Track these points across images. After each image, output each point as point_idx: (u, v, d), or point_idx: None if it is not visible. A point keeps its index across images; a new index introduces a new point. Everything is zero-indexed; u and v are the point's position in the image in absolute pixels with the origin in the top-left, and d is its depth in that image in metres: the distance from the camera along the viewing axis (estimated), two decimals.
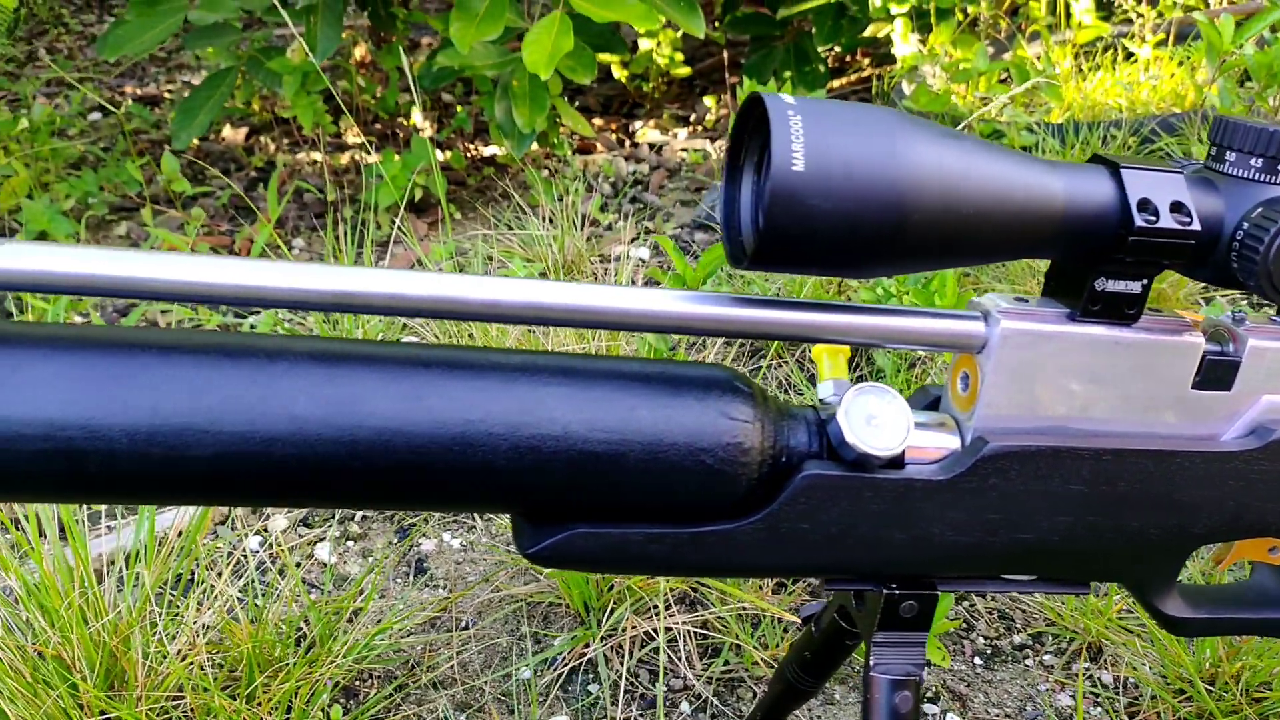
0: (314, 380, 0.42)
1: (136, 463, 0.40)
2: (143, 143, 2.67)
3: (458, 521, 1.21)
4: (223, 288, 0.40)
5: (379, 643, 0.94)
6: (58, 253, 0.38)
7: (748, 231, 0.46)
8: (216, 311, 1.76)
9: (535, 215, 2.05)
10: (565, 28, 1.72)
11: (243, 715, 0.83)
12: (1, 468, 0.39)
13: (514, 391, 0.44)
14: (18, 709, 0.81)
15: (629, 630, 0.95)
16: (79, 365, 0.40)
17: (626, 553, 0.48)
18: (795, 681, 0.66)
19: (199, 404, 0.40)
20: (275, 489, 0.42)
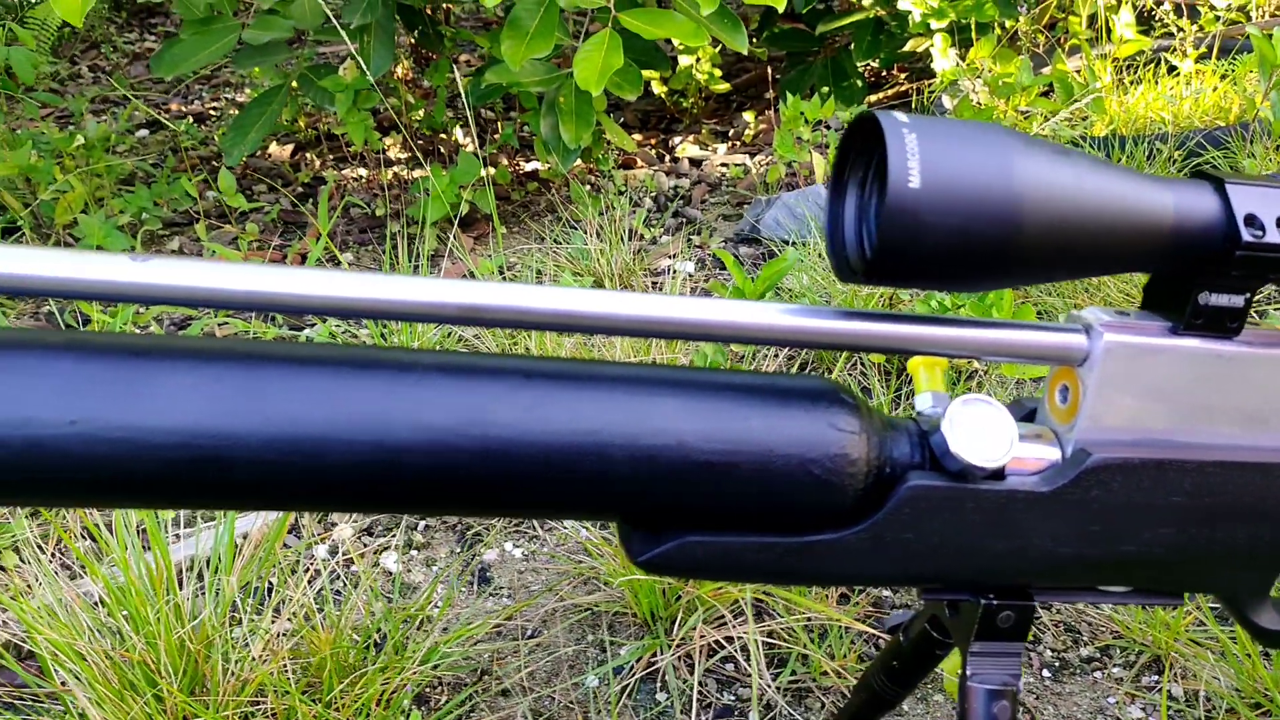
0: (442, 391, 0.43)
1: (277, 471, 0.41)
2: (192, 159, 2.72)
3: (519, 531, 1.22)
4: (332, 299, 0.40)
5: (451, 650, 0.96)
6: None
7: (853, 247, 0.47)
8: (271, 324, 1.80)
9: (580, 230, 2.08)
10: (615, 45, 1.74)
11: (325, 718, 0.85)
12: (148, 474, 0.40)
13: (630, 403, 0.46)
14: (105, 712, 0.83)
15: (697, 639, 0.96)
16: (220, 376, 0.41)
17: (735, 561, 0.49)
18: (880, 690, 0.67)
19: (335, 414, 0.42)
20: (404, 497, 0.43)
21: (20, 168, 2.14)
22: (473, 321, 0.44)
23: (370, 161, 2.63)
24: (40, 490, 0.40)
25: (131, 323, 1.71)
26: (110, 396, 0.40)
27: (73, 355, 0.40)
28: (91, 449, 0.39)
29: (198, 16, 2.12)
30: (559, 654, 1.03)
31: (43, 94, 2.52)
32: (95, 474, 0.40)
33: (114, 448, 0.40)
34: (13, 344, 0.40)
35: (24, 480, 0.39)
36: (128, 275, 0.40)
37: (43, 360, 0.40)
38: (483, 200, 2.13)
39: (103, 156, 2.29)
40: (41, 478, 0.39)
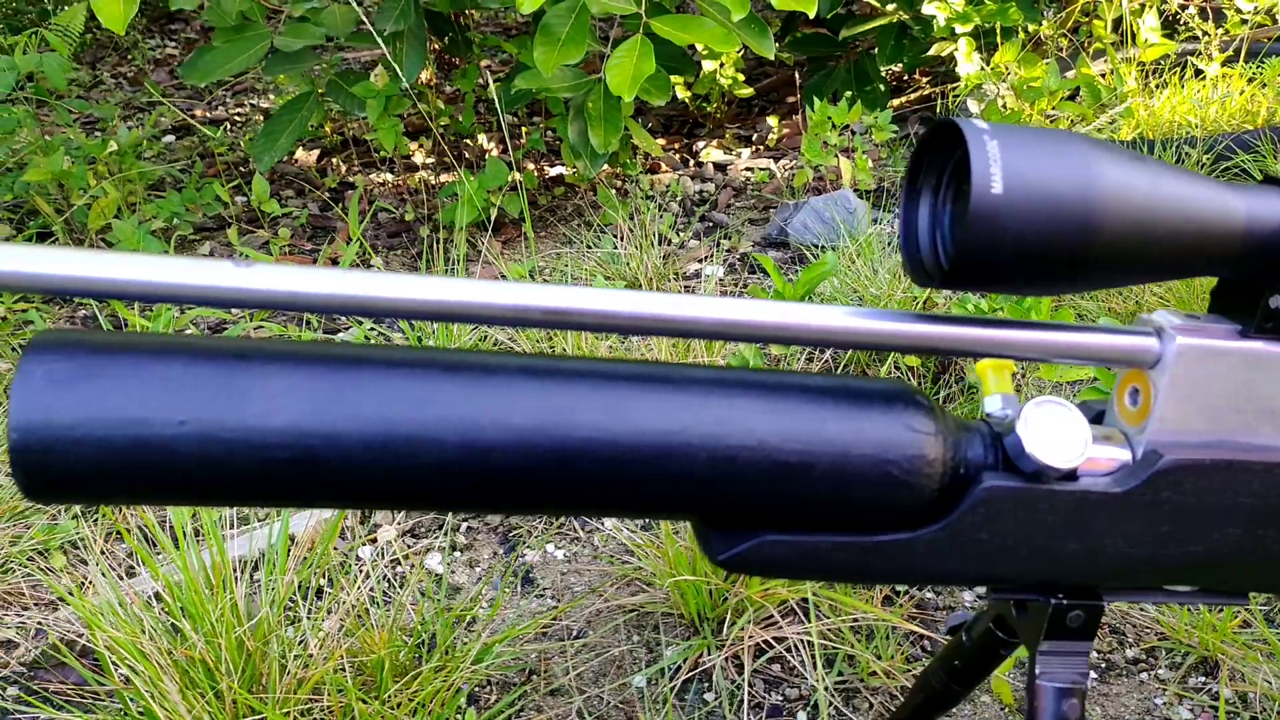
0: (527, 393, 0.44)
1: (370, 470, 0.42)
2: (219, 164, 2.75)
3: (560, 533, 1.23)
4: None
5: (502, 650, 0.97)
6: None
7: (927, 251, 0.48)
8: (305, 327, 1.82)
9: (607, 234, 2.09)
10: (647, 51, 1.76)
11: (383, 717, 0.86)
12: (250, 473, 0.42)
13: (711, 404, 0.47)
14: (168, 710, 0.85)
15: (747, 640, 0.97)
16: (317, 379, 0.42)
17: (812, 560, 0.50)
18: (940, 689, 0.68)
19: (426, 415, 0.43)
20: (491, 496, 0.45)
21: (54, 173, 2.17)
22: (561, 325, 0.45)
23: (396, 166, 2.65)
24: (149, 488, 0.41)
25: (170, 326, 1.73)
26: (217, 398, 0.41)
27: (181, 358, 0.42)
28: (199, 449, 0.41)
29: (229, 24, 2.15)
30: (605, 654, 1.04)
31: (75, 100, 2.54)
32: (201, 473, 0.41)
33: (220, 447, 0.41)
34: (124, 347, 0.41)
35: (133, 478, 0.41)
36: (232, 281, 0.41)
37: (153, 363, 0.41)
38: (511, 205, 2.15)
39: (135, 162, 2.31)
40: (150, 476, 0.41)
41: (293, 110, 2.28)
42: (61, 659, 1.11)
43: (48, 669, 1.10)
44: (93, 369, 0.40)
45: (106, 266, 0.40)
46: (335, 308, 0.43)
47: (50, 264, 0.40)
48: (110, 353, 0.41)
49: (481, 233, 2.20)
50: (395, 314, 0.45)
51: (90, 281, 0.40)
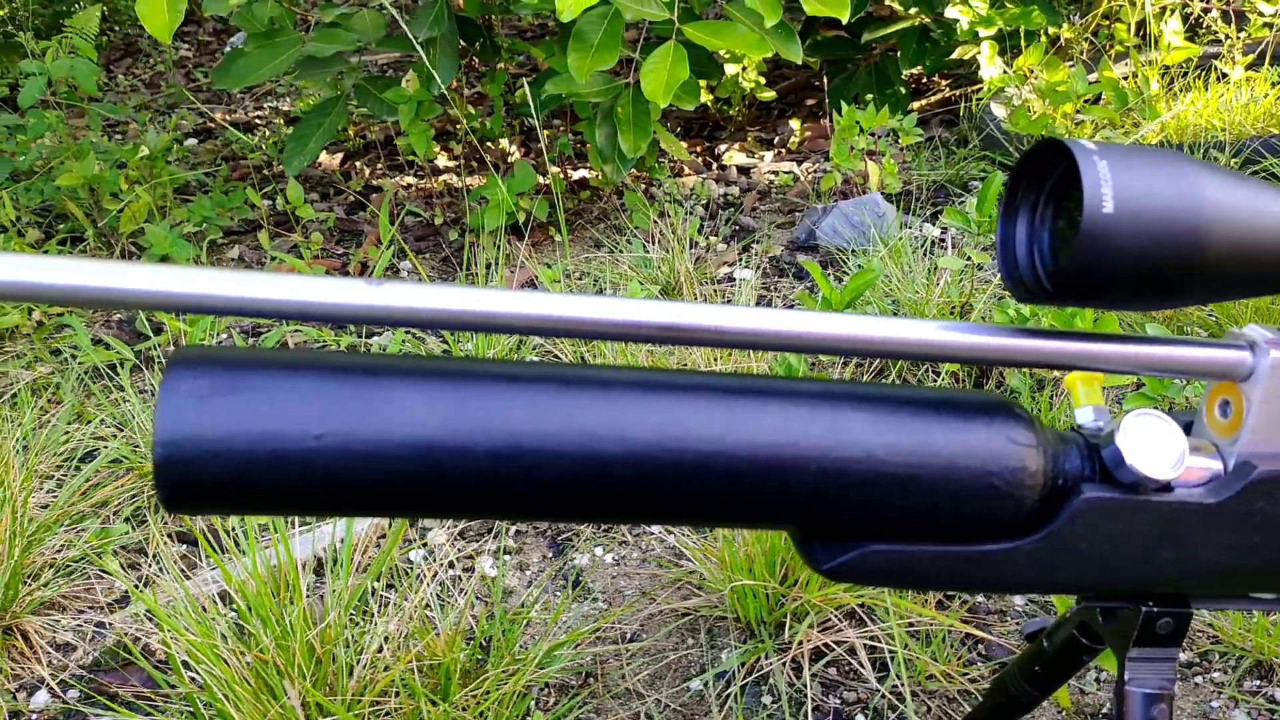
0: (644, 407, 0.46)
1: (494, 482, 0.44)
2: (243, 168, 2.76)
3: (608, 536, 1.25)
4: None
5: (562, 653, 0.99)
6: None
7: (1025, 267, 0.50)
8: (345, 333, 1.83)
9: (632, 238, 2.11)
10: (680, 57, 1.77)
11: (452, 718, 0.87)
12: (383, 485, 0.43)
13: (820, 417, 0.48)
14: (244, 713, 0.86)
15: (807, 644, 0.98)
16: (444, 393, 0.44)
17: (914, 569, 0.51)
18: (1017, 694, 0.69)
19: (548, 429, 0.44)
20: (605, 506, 0.46)
21: (85, 178, 2.18)
22: (679, 341, 0.46)
23: (420, 170, 2.67)
24: (285, 500, 0.43)
25: (209, 333, 1.75)
26: (351, 412, 0.42)
27: (314, 374, 0.43)
28: (334, 461, 0.42)
29: (260, 30, 2.16)
30: (660, 658, 1.05)
31: (106, 105, 2.56)
32: (335, 485, 0.42)
33: (354, 460, 0.42)
34: (259, 363, 0.42)
35: (271, 490, 0.42)
36: (365, 299, 0.43)
37: (288, 378, 0.42)
38: (540, 209, 2.16)
39: (165, 167, 2.33)
40: (287, 488, 0.42)
41: (321, 115, 2.30)
42: (126, 660, 1.12)
43: (108, 671, 1.12)
44: (232, 384, 0.42)
45: (243, 286, 0.41)
46: (463, 324, 0.44)
47: (186, 283, 0.40)
48: (247, 368, 0.42)
49: (509, 236, 2.21)
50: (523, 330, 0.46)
51: (228, 301, 0.40)
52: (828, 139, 2.80)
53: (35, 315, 1.96)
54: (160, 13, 1.47)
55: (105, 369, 1.72)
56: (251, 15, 2.14)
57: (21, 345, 1.89)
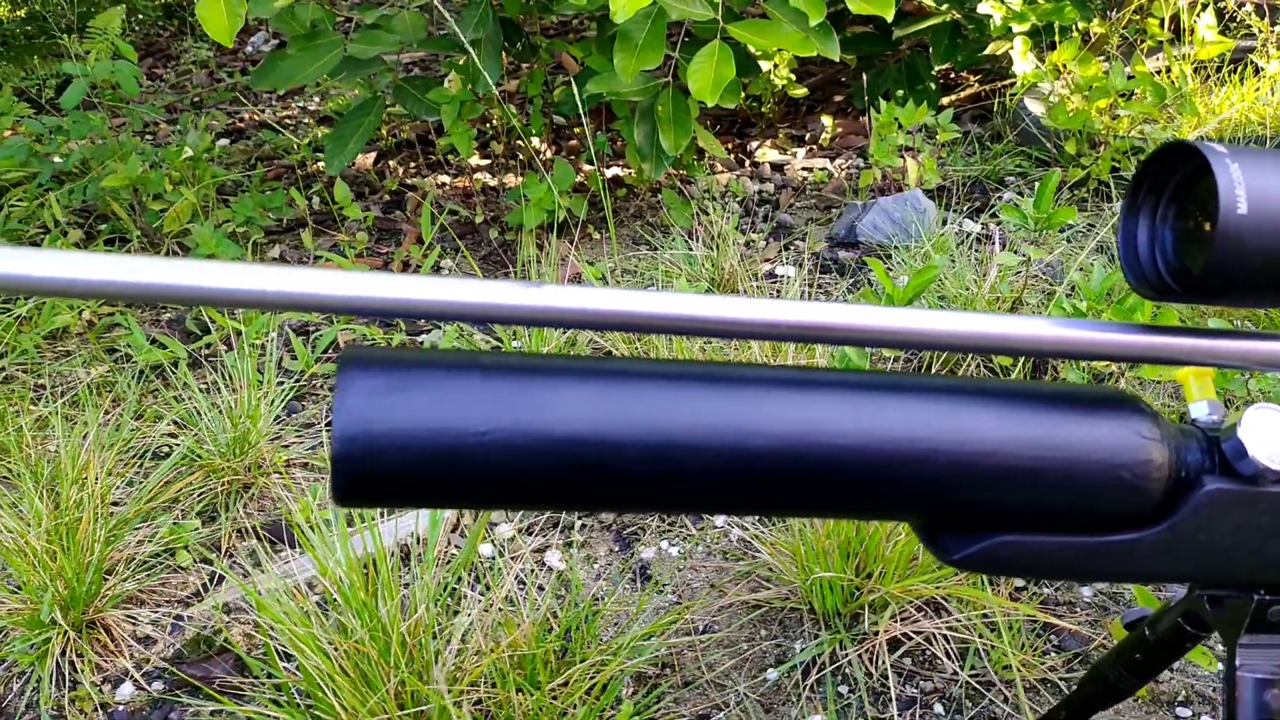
0: (786, 403, 0.47)
1: (649, 476, 0.46)
2: (277, 168, 2.79)
3: (672, 530, 1.27)
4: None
5: (644, 644, 1.01)
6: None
7: (1149, 266, 0.51)
8: (392, 330, 1.86)
9: (675, 235, 2.12)
10: (726, 56, 1.78)
11: (543, 706, 0.89)
12: (543, 479, 0.45)
13: (953, 413, 0.50)
14: (345, 700, 0.88)
15: (883, 634, 1.00)
16: (600, 391, 0.46)
17: (1042, 559, 0.53)
18: (1116, 681, 0.71)
19: (698, 424, 0.46)
20: (748, 499, 0.48)
21: (130, 179, 2.21)
22: (822, 339, 0.48)
23: (453, 169, 2.69)
24: (450, 493, 0.45)
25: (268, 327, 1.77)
26: (514, 409, 0.44)
27: (477, 372, 0.45)
28: (498, 456, 0.44)
29: (300, 32, 2.18)
30: (734, 649, 1.07)
31: (147, 107, 2.59)
32: (499, 479, 0.44)
33: (516, 455, 0.44)
34: (425, 362, 0.44)
35: (438, 483, 0.44)
36: (528, 300, 0.45)
37: (454, 377, 0.44)
38: (578, 207, 2.18)
39: (207, 167, 2.35)
40: (454, 481, 0.44)
41: (360, 115, 2.32)
42: (206, 653, 1.15)
43: (190, 663, 1.14)
44: (403, 382, 0.44)
45: (409, 289, 0.43)
46: (618, 324, 0.46)
47: (350, 287, 0.41)
48: (415, 367, 0.45)
49: (547, 234, 2.23)
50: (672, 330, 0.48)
51: (393, 303, 0.42)
52: (859, 135, 2.81)
53: (85, 315, 1.99)
54: (220, 15, 1.49)
55: (151, 369, 1.75)
56: (294, 18, 2.16)
57: (72, 345, 1.91)
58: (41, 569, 1.12)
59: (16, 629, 1.15)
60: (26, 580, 1.14)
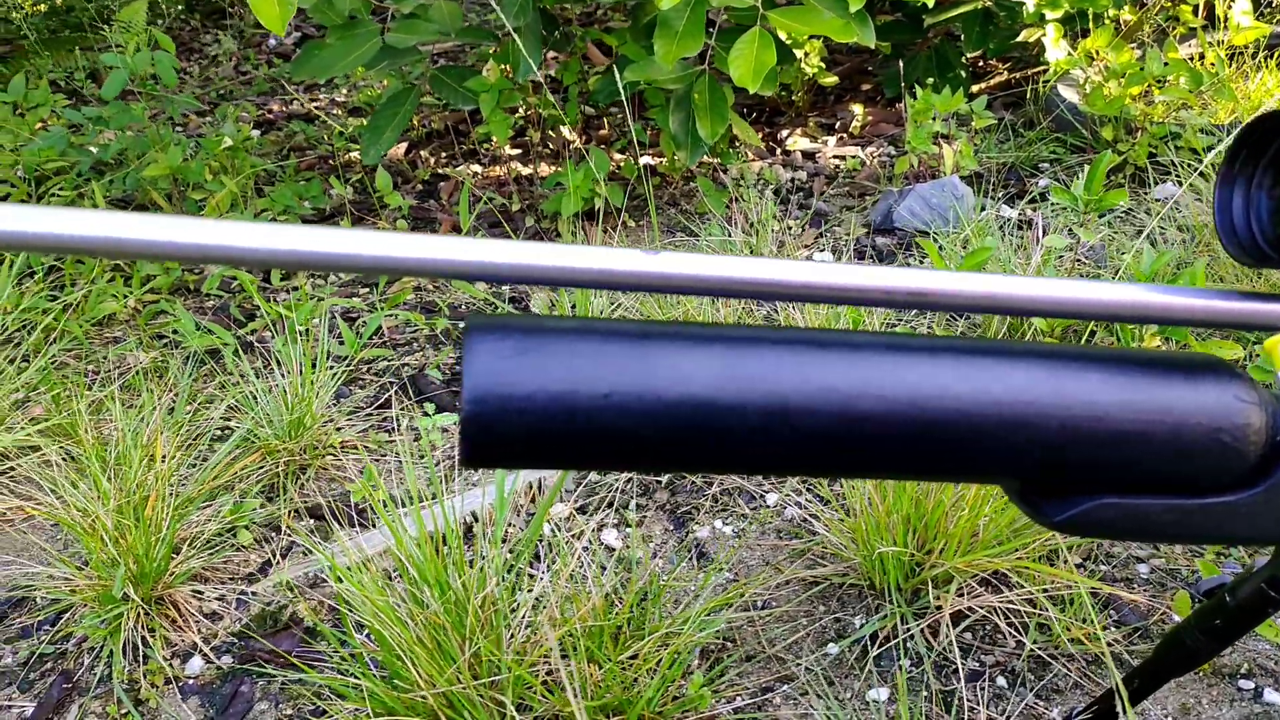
0: (897, 368, 0.49)
1: (763, 437, 0.47)
2: (309, 158, 2.81)
3: (726, 509, 1.28)
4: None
5: (707, 619, 1.02)
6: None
7: (1243, 232, 0.53)
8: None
9: (711, 222, 2.14)
10: (766, 43, 1.79)
11: (615, 676, 0.91)
12: (661, 439, 0.46)
13: (1058, 378, 0.51)
14: (423, 670, 0.90)
15: (947, 609, 1.01)
16: (715, 355, 0.47)
17: (1142, 521, 0.54)
18: (1195, 647, 0.72)
19: (809, 387, 0.47)
20: (856, 461, 0.49)
21: (171, 168, 2.24)
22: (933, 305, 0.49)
23: (484, 158, 2.70)
24: (574, 454, 0.46)
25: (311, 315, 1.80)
26: (634, 372, 0.46)
27: (596, 337, 0.47)
28: (620, 418, 0.45)
29: (338, 22, 2.20)
30: (794, 624, 1.09)
31: (185, 98, 2.61)
32: (621, 440, 0.46)
33: (637, 417, 0.46)
34: (545, 329, 0.46)
35: (562, 445, 0.46)
36: (646, 266, 0.46)
37: (575, 341, 0.46)
38: (614, 195, 2.20)
39: (246, 157, 2.38)
40: (578, 443, 0.46)
41: (395, 105, 2.34)
42: (273, 629, 1.17)
43: (258, 638, 1.16)
44: (527, 347, 0.45)
45: (538, 255, 0.44)
46: (731, 290, 0.48)
47: (478, 253, 0.43)
48: (538, 333, 0.46)
49: (582, 222, 2.25)
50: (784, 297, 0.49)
51: (521, 269, 0.43)
52: (890, 123, 2.81)
53: (131, 301, 2.01)
54: (272, 5, 1.51)
55: (201, 355, 1.78)
56: (331, 8, 2.18)
57: (120, 330, 1.94)
58: (113, 545, 1.14)
59: (86, 605, 1.18)
60: (96, 557, 1.16)
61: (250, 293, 1.93)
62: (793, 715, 0.99)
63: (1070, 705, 0.96)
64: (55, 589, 1.21)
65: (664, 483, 1.34)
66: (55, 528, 1.38)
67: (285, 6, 1.51)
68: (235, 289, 2.09)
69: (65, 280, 2.00)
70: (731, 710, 1.00)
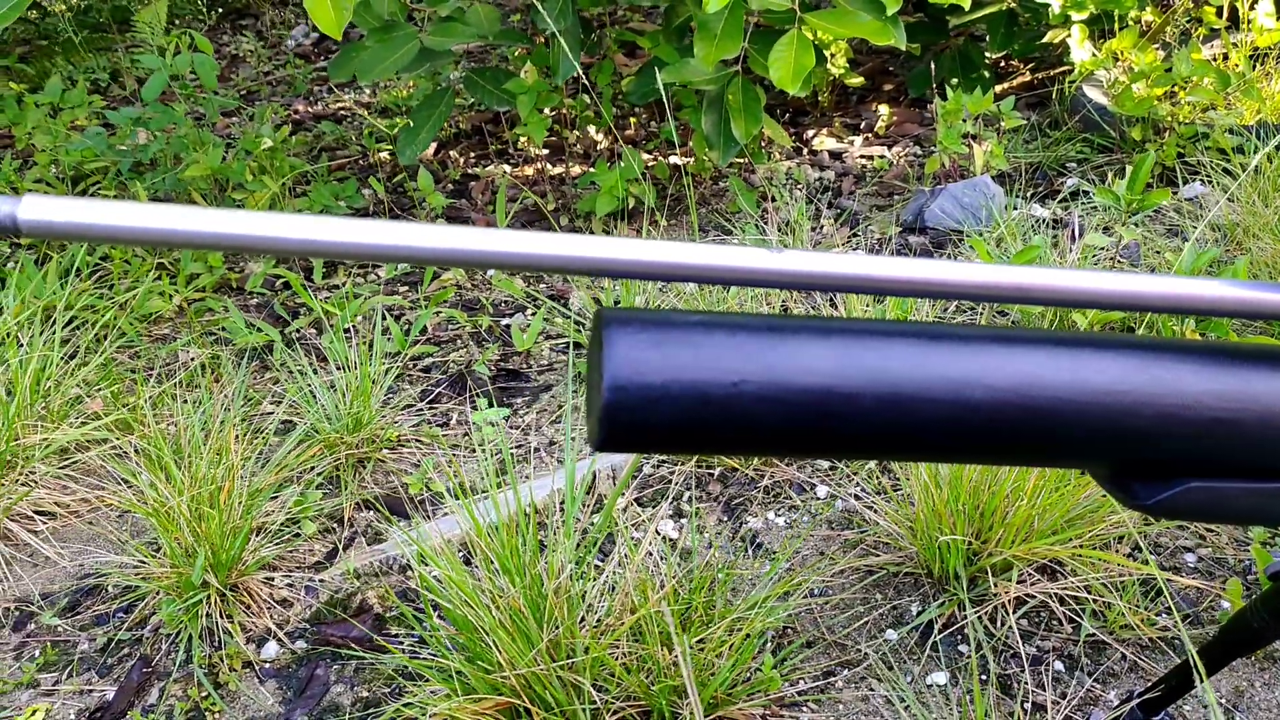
0: (1003, 358, 0.52)
1: (879, 425, 0.50)
2: (340, 158, 2.85)
3: (778, 501, 1.32)
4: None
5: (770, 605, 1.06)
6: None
7: None
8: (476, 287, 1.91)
9: (743, 221, 2.17)
10: (805, 45, 1.83)
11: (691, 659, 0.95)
12: (788, 426, 0.50)
13: (1153, 368, 0.54)
14: (505, 652, 0.94)
15: (1005, 595, 1.05)
16: (836, 346, 0.51)
17: (1229, 505, 0.58)
18: (1261, 628, 0.75)
19: (924, 377, 0.51)
20: (969, 446, 0.52)
21: (212, 169, 2.28)
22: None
23: (513, 157, 2.74)
24: (704, 440, 0.50)
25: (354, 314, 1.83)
26: (763, 362, 0.49)
27: (724, 329, 0.50)
28: (749, 405, 0.49)
29: (375, 26, 2.24)
30: (852, 612, 1.12)
31: (228, 98, 2.65)
32: (749, 426, 0.50)
33: (766, 405, 0.49)
34: (674, 322, 0.50)
35: (694, 431, 0.49)
36: (772, 264, 0.50)
37: (705, 333, 0.50)
38: (648, 195, 2.23)
39: (285, 158, 2.42)
40: (709, 429, 0.49)
41: (431, 106, 2.38)
42: (340, 616, 1.21)
43: (330, 624, 1.20)
44: (660, 338, 0.49)
45: (663, 253, 0.46)
46: (853, 287, 0.51)
47: (609, 250, 0.45)
48: (667, 325, 0.50)
49: (615, 221, 2.28)
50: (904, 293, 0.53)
51: (653, 265, 0.46)
52: (914, 123, 2.84)
53: (176, 300, 2.05)
54: (327, 10, 1.55)
55: (248, 351, 1.81)
56: (369, 12, 2.22)
57: (166, 329, 1.98)
58: (190, 533, 1.18)
59: (162, 592, 1.22)
60: (171, 545, 1.20)
61: (297, 289, 1.97)
62: (855, 697, 1.03)
63: (1126, 688, 0.99)
64: (129, 577, 1.25)
65: (715, 474, 1.38)
66: (121, 519, 1.42)
67: (341, 11, 1.55)
68: (279, 287, 2.13)
69: (113, 279, 2.05)
70: (796, 693, 1.03)
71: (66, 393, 1.58)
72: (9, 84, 3.39)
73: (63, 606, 1.27)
